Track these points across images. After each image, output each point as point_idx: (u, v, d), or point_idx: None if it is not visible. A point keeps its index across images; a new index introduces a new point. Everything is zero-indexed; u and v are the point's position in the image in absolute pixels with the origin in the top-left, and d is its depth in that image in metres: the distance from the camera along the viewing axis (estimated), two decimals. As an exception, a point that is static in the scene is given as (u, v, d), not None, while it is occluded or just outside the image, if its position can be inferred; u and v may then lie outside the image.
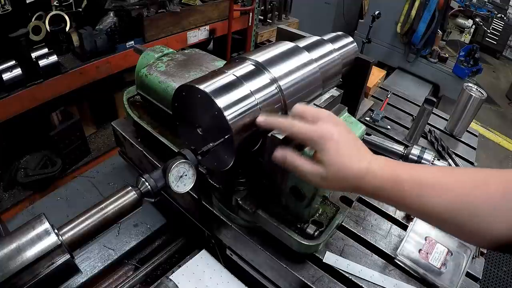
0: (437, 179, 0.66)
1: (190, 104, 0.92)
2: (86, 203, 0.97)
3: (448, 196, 0.63)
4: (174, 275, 1.16)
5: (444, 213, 0.64)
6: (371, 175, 0.70)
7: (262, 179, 1.01)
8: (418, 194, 0.66)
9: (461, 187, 0.64)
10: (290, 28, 1.43)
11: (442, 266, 1.07)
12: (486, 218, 0.60)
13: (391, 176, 0.69)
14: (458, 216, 0.62)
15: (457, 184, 0.64)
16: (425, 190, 0.66)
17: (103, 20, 2.39)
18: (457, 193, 0.63)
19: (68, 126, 2.37)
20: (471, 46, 3.74)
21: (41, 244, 0.69)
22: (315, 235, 0.96)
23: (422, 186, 0.66)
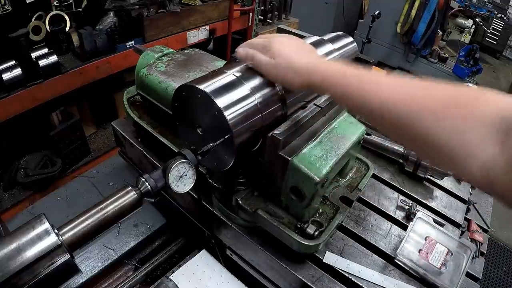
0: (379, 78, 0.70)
1: (190, 104, 0.93)
2: (86, 203, 0.97)
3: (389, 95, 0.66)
4: (174, 275, 1.16)
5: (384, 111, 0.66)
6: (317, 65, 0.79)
7: (262, 179, 1.01)
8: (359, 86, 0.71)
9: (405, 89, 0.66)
10: (290, 28, 1.44)
11: (442, 266, 1.07)
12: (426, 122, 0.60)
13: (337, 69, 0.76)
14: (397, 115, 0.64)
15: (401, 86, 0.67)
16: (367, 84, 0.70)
17: (103, 20, 2.39)
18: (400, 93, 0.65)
19: (68, 126, 2.37)
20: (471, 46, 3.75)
21: (41, 244, 0.69)
22: (315, 235, 0.96)
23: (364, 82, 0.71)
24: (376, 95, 0.67)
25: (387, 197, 1.32)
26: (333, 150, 0.97)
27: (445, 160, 0.61)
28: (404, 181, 1.41)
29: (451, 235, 1.15)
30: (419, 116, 0.61)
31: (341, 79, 0.74)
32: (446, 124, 0.58)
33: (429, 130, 0.59)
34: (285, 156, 0.90)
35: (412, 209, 1.25)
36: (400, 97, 0.64)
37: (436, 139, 0.59)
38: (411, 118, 0.62)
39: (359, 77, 0.73)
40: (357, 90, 0.71)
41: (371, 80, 0.71)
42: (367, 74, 0.73)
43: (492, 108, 0.56)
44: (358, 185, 1.14)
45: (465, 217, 1.34)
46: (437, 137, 0.59)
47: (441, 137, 0.58)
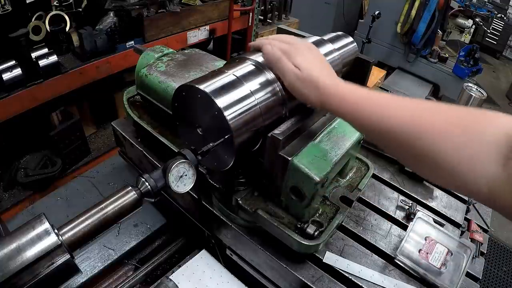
0: (389, 100, 0.72)
1: (190, 104, 0.93)
2: (86, 203, 0.97)
3: (397, 116, 0.68)
4: (174, 275, 1.16)
5: (392, 132, 0.68)
6: (335, 85, 0.80)
7: (262, 179, 1.01)
8: (371, 108, 0.73)
9: (413, 110, 0.68)
10: (290, 28, 1.44)
11: (442, 266, 1.07)
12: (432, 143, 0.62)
13: (351, 91, 0.78)
14: (405, 136, 0.66)
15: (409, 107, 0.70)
16: (378, 107, 0.72)
17: (103, 20, 2.39)
18: (408, 115, 0.67)
19: (68, 126, 2.37)
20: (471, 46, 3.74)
21: (41, 244, 0.69)
22: (315, 235, 0.96)
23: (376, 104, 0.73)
24: (386, 117, 0.69)
25: (387, 197, 1.33)
26: (333, 150, 0.97)
27: (448, 179, 0.64)
28: (404, 181, 1.41)
29: (451, 235, 1.15)
30: (426, 135, 0.63)
31: (354, 100, 0.76)
32: (452, 142, 0.60)
33: (435, 148, 0.62)
34: (285, 156, 0.90)
35: (412, 209, 1.25)
36: (408, 117, 0.67)
37: (441, 157, 0.61)
38: (418, 137, 0.64)
39: (369, 98, 0.74)
40: (369, 112, 0.73)
41: (381, 102, 0.73)
42: (377, 96, 0.75)
43: (498, 128, 0.58)
44: (358, 185, 1.14)
45: (465, 217, 1.34)
46: (442, 155, 0.61)
47: (446, 155, 0.60)
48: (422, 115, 0.66)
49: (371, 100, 0.74)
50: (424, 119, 0.65)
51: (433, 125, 0.63)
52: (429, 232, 1.16)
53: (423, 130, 0.64)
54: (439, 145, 0.61)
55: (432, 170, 0.66)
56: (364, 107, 0.74)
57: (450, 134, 0.61)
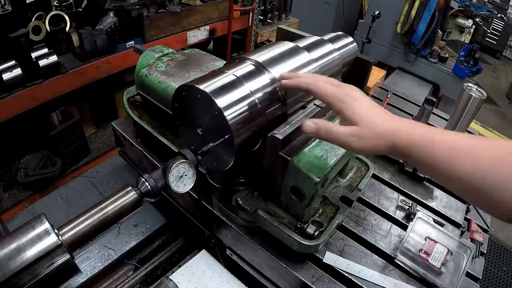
0: (470, 145, 0.66)
1: (190, 104, 0.93)
2: (86, 203, 0.97)
3: (478, 164, 0.63)
4: (174, 275, 1.16)
5: (472, 181, 0.63)
6: (404, 131, 0.70)
7: (262, 179, 1.01)
8: (450, 156, 0.65)
9: (494, 156, 0.63)
10: (290, 28, 1.44)
11: (442, 266, 1.07)
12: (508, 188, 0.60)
13: (425, 135, 0.69)
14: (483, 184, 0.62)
15: (489, 152, 0.64)
16: (457, 153, 0.65)
17: (103, 20, 2.39)
18: (489, 161, 0.63)
19: (68, 126, 2.37)
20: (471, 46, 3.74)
21: (41, 244, 0.69)
22: (315, 235, 0.96)
23: (454, 149, 0.65)
24: (466, 164, 0.64)
25: (387, 197, 1.33)
26: (333, 150, 0.97)
27: None
28: (404, 181, 1.41)
29: (451, 235, 1.15)
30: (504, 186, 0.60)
31: (430, 146, 0.68)
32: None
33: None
34: (285, 156, 0.90)
35: (412, 209, 1.25)
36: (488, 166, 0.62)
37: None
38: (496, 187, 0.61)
39: (447, 142, 0.67)
40: (446, 160, 0.66)
41: (460, 145, 0.66)
42: (455, 139, 0.67)
43: None
44: (358, 185, 1.14)
45: (465, 217, 1.34)
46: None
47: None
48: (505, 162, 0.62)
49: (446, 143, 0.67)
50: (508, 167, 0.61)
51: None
52: (429, 232, 1.16)
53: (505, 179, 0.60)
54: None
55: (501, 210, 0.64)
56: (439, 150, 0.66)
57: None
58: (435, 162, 0.67)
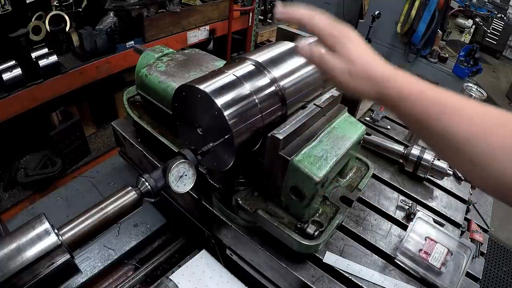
0: (463, 105, 0.62)
1: (190, 104, 0.93)
2: (86, 203, 0.97)
3: (469, 126, 0.60)
4: (174, 275, 1.16)
5: (460, 142, 0.60)
6: (397, 80, 0.67)
7: (262, 179, 1.01)
8: (440, 112, 0.62)
9: (488, 122, 0.60)
10: (290, 28, 1.44)
11: (442, 266, 1.07)
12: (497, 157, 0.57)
13: (418, 89, 0.65)
14: (471, 148, 0.59)
15: (485, 116, 0.61)
16: (449, 111, 0.62)
17: (103, 20, 2.39)
18: (482, 126, 0.59)
19: (68, 126, 2.37)
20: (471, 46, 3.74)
21: (41, 244, 0.69)
22: (315, 235, 0.96)
23: (447, 107, 0.62)
24: (458, 124, 0.61)
25: (387, 197, 1.33)
26: (333, 150, 0.97)
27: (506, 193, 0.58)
28: (404, 181, 1.41)
29: (451, 235, 1.15)
30: (494, 155, 0.57)
31: (421, 102, 0.64)
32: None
33: (507, 172, 0.56)
34: (285, 156, 0.90)
35: (412, 209, 1.25)
36: (480, 130, 0.59)
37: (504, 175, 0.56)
38: (486, 154, 0.58)
39: (441, 100, 0.64)
40: (438, 116, 0.62)
41: (454, 105, 0.63)
42: (449, 98, 0.64)
43: None
44: (358, 185, 1.14)
45: (465, 217, 1.34)
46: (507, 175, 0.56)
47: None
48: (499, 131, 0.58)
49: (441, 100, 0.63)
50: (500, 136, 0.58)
51: (505, 147, 0.57)
52: (429, 232, 1.16)
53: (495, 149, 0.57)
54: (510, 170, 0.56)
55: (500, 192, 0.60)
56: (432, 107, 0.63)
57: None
58: (424, 117, 0.64)
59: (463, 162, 0.62)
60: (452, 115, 0.62)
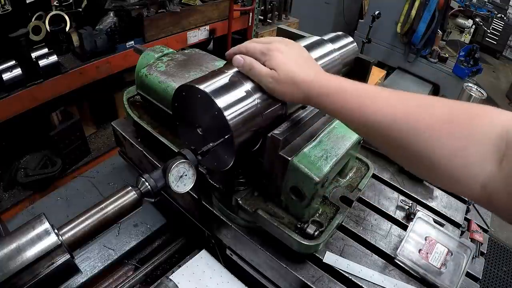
0: (379, 93, 0.68)
1: (190, 104, 0.92)
2: (86, 203, 0.97)
3: (389, 111, 0.63)
4: (174, 275, 1.16)
5: (384, 128, 0.63)
6: (317, 81, 0.76)
7: (262, 179, 1.01)
8: (359, 102, 0.68)
9: (405, 105, 0.63)
10: (290, 28, 1.44)
11: (442, 266, 1.07)
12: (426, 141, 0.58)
13: (336, 85, 0.74)
14: (397, 132, 0.62)
15: (401, 101, 0.64)
16: (366, 100, 0.67)
17: (103, 20, 2.39)
18: (400, 109, 0.63)
19: (68, 126, 2.37)
20: (471, 46, 3.74)
21: (41, 244, 0.69)
22: (315, 235, 0.96)
23: (364, 97, 0.68)
24: (376, 111, 0.65)
25: (387, 197, 1.33)
26: (333, 150, 0.97)
27: (444, 179, 0.60)
28: (404, 181, 1.41)
29: (451, 235, 1.15)
30: (417, 133, 0.59)
31: (341, 94, 0.72)
32: (446, 142, 0.57)
33: (429, 149, 0.58)
34: (285, 156, 0.90)
35: (412, 209, 1.25)
36: (399, 113, 0.62)
37: (435, 158, 0.57)
38: (410, 135, 0.60)
39: (358, 92, 0.70)
40: (357, 107, 0.68)
41: (370, 95, 0.68)
42: (366, 89, 0.71)
43: (493, 125, 0.55)
44: (358, 185, 1.14)
45: (465, 217, 1.34)
46: (436, 156, 0.57)
47: (440, 156, 0.57)
48: (416, 111, 0.61)
49: (358, 92, 0.70)
50: (419, 115, 0.60)
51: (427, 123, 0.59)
52: (429, 232, 1.16)
53: (417, 128, 0.59)
54: (432, 146, 0.57)
55: (427, 173, 0.63)
56: (351, 99, 0.70)
57: (446, 133, 0.57)
58: (346, 108, 0.70)
59: (391, 148, 0.66)
60: (369, 104, 0.67)
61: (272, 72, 0.80)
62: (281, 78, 0.79)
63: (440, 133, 0.58)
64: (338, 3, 4.94)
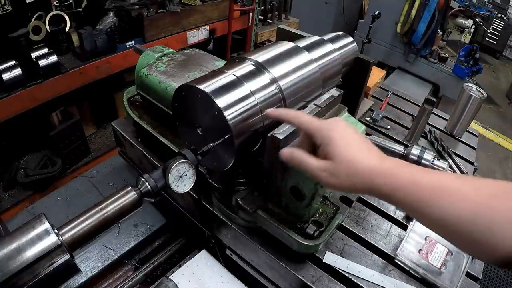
0: (457, 186, 0.61)
1: (190, 104, 0.93)
2: (86, 203, 0.97)
3: (466, 205, 0.59)
4: (174, 275, 1.16)
5: (460, 223, 0.59)
6: (386, 172, 0.65)
7: (262, 179, 1.01)
8: (436, 199, 0.61)
9: (481, 196, 0.59)
10: (290, 28, 1.43)
11: (442, 266, 1.07)
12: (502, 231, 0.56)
13: (409, 178, 0.64)
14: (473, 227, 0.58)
15: (477, 192, 0.60)
16: (444, 197, 0.61)
17: (103, 20, 2.39)
18: (476, 202, 0.58)
19: (68, 126, 2.37)
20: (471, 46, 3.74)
21: (41, 244, 0.69)
22: (315, 235, 0.96)
23: (441, 193, 0.61)
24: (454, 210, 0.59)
25: (387, 197, 1.32)
26: (333, 150, 0.97)
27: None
28: (404, 181, 1.41)
29: (451, 235, 1.15)
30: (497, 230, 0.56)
31: (415, 191, 0.63)
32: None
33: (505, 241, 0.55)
34: (285, 156, 0.90)
35: (412, 209, 1.25)
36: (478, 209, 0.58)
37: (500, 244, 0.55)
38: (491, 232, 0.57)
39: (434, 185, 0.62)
40: (432, 205, 0.61)
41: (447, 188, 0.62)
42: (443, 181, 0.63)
43: None
44: (358, 185, 1.14)
45: (465, 217, 1.33)
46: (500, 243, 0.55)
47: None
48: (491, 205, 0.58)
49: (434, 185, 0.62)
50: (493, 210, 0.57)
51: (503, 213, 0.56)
52: (429, 232, 1.16)
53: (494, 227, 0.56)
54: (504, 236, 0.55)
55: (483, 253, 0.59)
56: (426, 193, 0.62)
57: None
58: (419, 205, 0.63)
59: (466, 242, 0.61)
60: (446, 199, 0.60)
61: (327, 165, 0.68)
62: (340, 171, 0.67)
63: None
64: (338, 3, 4.94)
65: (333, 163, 0.68)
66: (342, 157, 0.67)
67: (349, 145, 0.68)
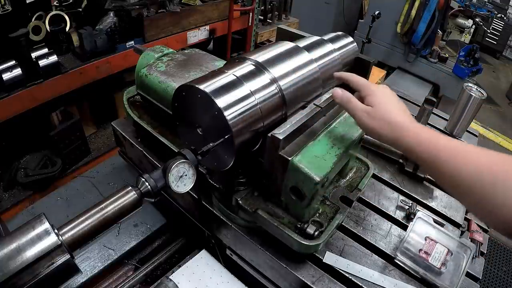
0: (470, 148, 0.73)
1: (190, 104, 0.93)
2: (86, 203, 0.97)
3: (476, 163, 0.68)
4: (174, 275, 1.16)
5: (469, 180, 0.67)
6: (414, 128, 0.79)
7: (262, 179, 1.01)
8: (452, 156, 0.72)
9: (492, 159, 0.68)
10: (290, 28, 1.43)
11: (442, 266, 1.07)
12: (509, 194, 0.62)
13: (430, 138, 0.77)
14: (481, 185, 0.65)
15: (489, 157, 0.69)
16: (458, 154, 0.71)
17: (103, 20, 2.39)
18: (487, 162, 0.67)
19: (68, 126, 2.37)
20: (471, 46, 3.74)
21: (41, 244, 0.69)
22: (315, 235, 0.96)
23: (457, 151, 0.72)
24: (467, 164, 0.69)
25: (387, 197, 1.33)
26: (333, 150, 0.97)
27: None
28: (404, 181, 1.41)
29: (451, 235, 1.15)
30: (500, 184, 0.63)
31: (434, 146, 0.75)
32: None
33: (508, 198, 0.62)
34: (285, 156, 0.90)
35: (412, 209, 1.25)
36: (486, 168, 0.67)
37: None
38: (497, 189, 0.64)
39: (451, 146, 0.74)
40: (448, 159, 0.72)
41: (462, 149, 0.73)
42: (458, 144, 0.75)
43: None
44: (358, 185, 1.14)
45: (465, 217, 1.34)
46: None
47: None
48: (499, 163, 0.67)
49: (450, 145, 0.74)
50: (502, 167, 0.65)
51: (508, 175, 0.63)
52: (429, 232, 1.16)
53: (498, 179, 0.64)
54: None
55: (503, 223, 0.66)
56: (444, 152, 0.74)
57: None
58: (438, 160, 0.74)
59: (474, 198, 0.69)
60: (461, 160, 0.71)
61: (368, 108, 0.85)
62: (376, 115, 0.83)
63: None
64: (338, 3, 4.94)
65: (374, 108, 0.84)
66: (382, 106, 0.84)
67: (389, 102, 0.86)
